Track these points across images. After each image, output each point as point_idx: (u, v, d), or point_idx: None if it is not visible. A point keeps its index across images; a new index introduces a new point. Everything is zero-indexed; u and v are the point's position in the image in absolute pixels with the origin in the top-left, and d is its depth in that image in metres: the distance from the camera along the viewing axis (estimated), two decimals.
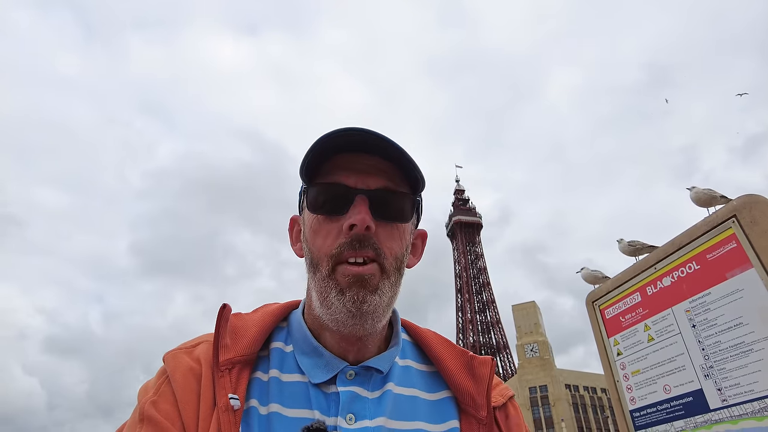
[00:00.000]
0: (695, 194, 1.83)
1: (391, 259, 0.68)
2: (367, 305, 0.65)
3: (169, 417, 0.62)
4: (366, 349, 0.71)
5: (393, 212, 0.69)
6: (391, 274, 0.68)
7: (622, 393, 1.72)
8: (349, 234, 0.65)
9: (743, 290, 1.34)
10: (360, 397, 0.68)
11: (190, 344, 0.72)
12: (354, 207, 0.66)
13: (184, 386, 0.65)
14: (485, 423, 0.72)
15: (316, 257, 0.68)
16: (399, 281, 0.70)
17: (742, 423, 1.30)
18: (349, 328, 0.67)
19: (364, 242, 0.65)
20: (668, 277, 1.59)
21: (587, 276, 2.09)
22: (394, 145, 0.66)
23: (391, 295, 0.68)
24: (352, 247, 0.65)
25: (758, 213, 1.34)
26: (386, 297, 0.67)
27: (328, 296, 0.66)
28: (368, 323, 0.66)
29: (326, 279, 0.66)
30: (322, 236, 0.68)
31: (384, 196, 0.68)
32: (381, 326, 0.71)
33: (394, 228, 0.70)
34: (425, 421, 0.70)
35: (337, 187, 0.68)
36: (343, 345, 0.70)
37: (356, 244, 0.65)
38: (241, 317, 0.73)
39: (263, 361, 0.71)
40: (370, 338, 0.71)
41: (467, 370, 0.76)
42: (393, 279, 0.68)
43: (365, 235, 0.65)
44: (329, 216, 0.68)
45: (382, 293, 0.66)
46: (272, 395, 0.67)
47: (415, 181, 0.70)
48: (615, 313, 1.80)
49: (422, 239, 0.81)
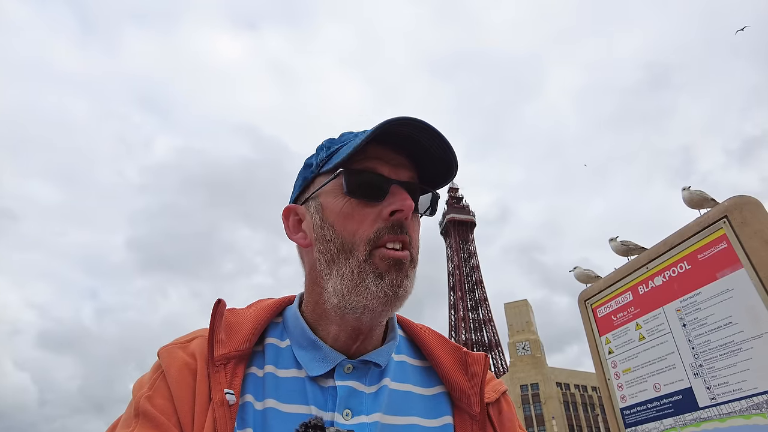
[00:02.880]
0: (688, 194, 1.85)
1: (415, 249, 0.71)
2: (403, 290, 0.67)
3: (164, 412, 0.62)
4: (369, 342, 0.72)
5: (423, 206, 0.73)
6: (416, 264, 0.71)
7: (612, 391, 1.73)
8: (389, 219, 0.67)
9: (733, 290, 1.36)
10: (357, 391, 0.68)
11: (184, 339, 0.72)
12: (394, 194, 0.68)
13: (179, 381, 0.64)
14: (478, 419, 0.72)
15: (349, 242, 0.67)
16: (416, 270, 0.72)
17: (730, 421, 1.32)
18: (375, 316, 0.67)
19: (404, 228, 0.68)
20: (660, 276, 1.61)
21: (580, 275, 2.11)
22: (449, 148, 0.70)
23: (413, 283, 0.70)
24: (393, 232, 0.67)
25: (749, 214, 1.35)
26: (412, 284, 0.69)
27: (363, 281, 0.65)
28: (396, 309, 0.68)
29: (363, 264, 0.66)
30: (356, 221, 0.68)
31: (416, 189, 0.72)
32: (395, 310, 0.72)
33: (418, 220, 0.74)
34: (420, 416, 0.70)
35: (374, 175, 0.69)
36: (348, 338, 0.70)
37: (397, 228, 0.67)
38: (235, 313, 0.73)
39: (258, 356, 0.71)
40: (376, 331, 0.72)
41: (461, 366, 0.76)
42: (416, 270, 0.71)
43: (404, 221, 0.68)
44: (366, 201, 0.68)
45: (411, 280, 0.69)
46: (268, 390, 0.66)
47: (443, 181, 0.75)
48: (607, 312, 1.82)
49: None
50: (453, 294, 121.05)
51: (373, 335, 0.72)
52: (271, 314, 0.75)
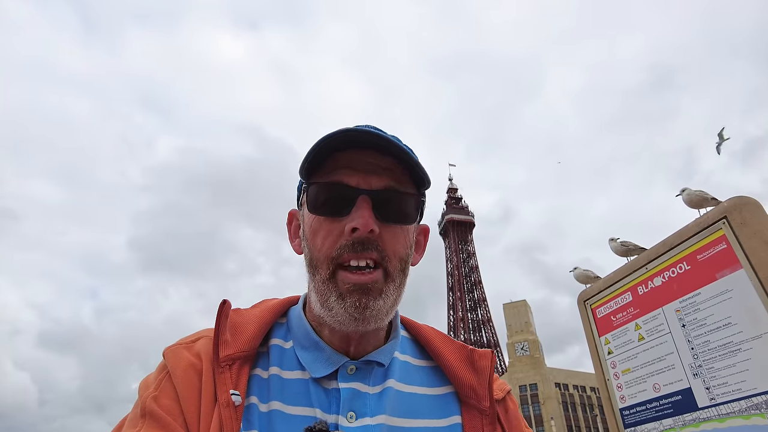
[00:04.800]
0: (687, 195, 1.85)
1: (396, 261, 0.66)
2: (370, 311, 0.64)
3: (170, 412, 0.62)
4: (367, 344, 0.71)
5: (398, 214, 0.67)
6: (396, 277, 0.66)
7: (612, 391, 1.74)
8: (351, 236, 0.63)
9: (732, 291, 1.36)
10: (360, 393, 0.68)
11: (189, 339, 0.72)
12: (356, 208, 0.63)
13: (185, 382, 0.64)
14: (488, 414, 0.72)
15: (315, 258, 0.67)
16: (404, 282, 0.69)
17: (729, 421, 1.32)
18: (350, 329, 0.66)
19: (367, 245, 0.63)
20: (659, 277, 1.61)
21: (579, 275, 2.11)
22: (397, 144, 0.65)
23: (395, 297, 0.67)
24: (354, 250, 0.63)
25: (748, 214, 1.35)
26: (390, 300, 0.66)
27: (328, 299, 0.65)
28: (371, 325, 0.66)
29: (326, 282, 0.65)
30: (321, 237, 0.66)
31: (388, 197, 0.65)
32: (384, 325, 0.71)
33: (399, 229, 0.67)
34: (427, 417, 0.70)
35: (339, 187, 0.65)
36: (344, 341, 0.70)
37: (358, 246, 0.63)
38: (240, 313, 0.73)
39: (263, 357, 0.71)
40: (371, 335, 0.71)
41: (468, 363, 0.76)
42: (397, 282, 0.67)
43: (368, 237, 0.63)
44: (330, 217, 0.66)
45: (386, 297, 0.65)
46: (273, 392, 0.67)
47: (421, 180, 0.68)
48: (606, 313, 1.82)
49: (425, 235, 0.79)
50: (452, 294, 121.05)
51: (366, 339, 0.71)
52: (276, 315, 0.75)
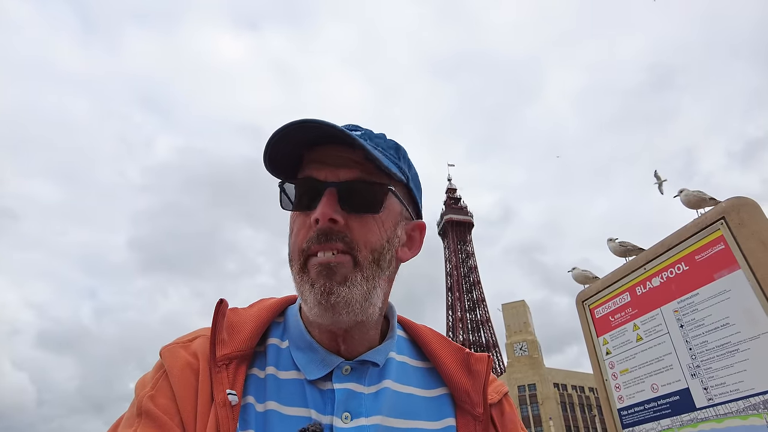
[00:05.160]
0: (685, 196, 1.86)
1: (366, 251, 0.66)
2: (335, 297, 0.63)
3: (167, 411, 0.62)
4: (355, 343, 0.70)
5: (363, 203, 0.66)
6: (366, 267, 0.65)
7: (610, 391, 1.74)
8: (316, 228, 0.64)
9: (730, 291, 1.36)
10: (356, 393, 0.67)
11: (186, 338, 0.71)
12: (320, 201, 0.65)
13: (182, 381, 0.64)
14: (481, 420, 0.72)
15: (291, 252, 0.68)
16: (378, 274, 0.67)
17: (727, 422, 1.33)
18: (327, 322, 0.66)
19: (331, 235, 0.64)
20: (657, 277, 1.61)
21: (578, 276, 2.12)
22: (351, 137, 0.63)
23: (367, 288, 0.65)
24: (318, 241, 0.64)
25: (746, 215, 1.36)
26: (359, 290, 0.65)
27: (303, 291, 0.65)
28: (343, 316, 0.64)
29: (300, 273, 0.66)
30: (295, 232, 0.68)
31: (354, 188, 0.66)
32: (366, 320, 0.68)
33: (370, 219, 0.67)
34: (422, 419, 0.70)
35: (308, 182, 0.67)
36: (332, 339, 0.70)
37: (322, 237, 0.64)
38: (237, 312, 0.73)
39: (260, 357, 0.70)
40: (355, 332, 0.69)
41: (464, 367, 0.76)
42: (368, 272, 0.66)
43: (331, 228, 0.64)
44: (302, 211, 0.67)
45: (353, 286, 0.64)
46: (269, 393, 0.66)
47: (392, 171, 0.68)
48: (604, 313, 1.82)
49: (420, 231, 0.77)
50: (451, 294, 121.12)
51: (354, 336, 0.70)
52: (273, 314, 0.75)
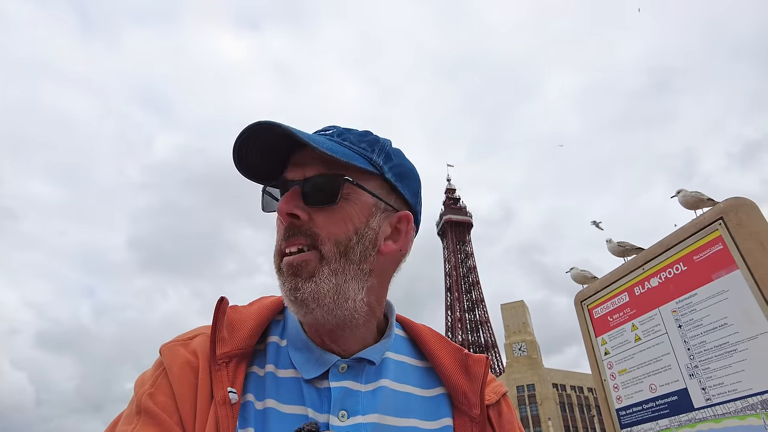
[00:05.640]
0: (683, 197, 1.86)
1: (330, 244, 0.65)
2: (301, 293, 0.63)
3: (166, 409, 0.61)
4: (346, 342, 0.70)
5: (321, 196, 0.66)
6: (332, 260, 0.65)
7: (608, 392, 1.74)
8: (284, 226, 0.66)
9: (728, 291, 1.37)
10: (352, 391, 0.67)
11: (186, 336, 0.71)
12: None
13: (181, 379, 0.64)
14: (478, 421, 0.72)
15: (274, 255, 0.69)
16: (348, 268, 0.66)
17: (725, 422, 1.33)
18: (306, 320, 0.67)
19: (294, 231, 0.65)
20: (656, 277, 1.62)
21: (576, 276, 2.12)
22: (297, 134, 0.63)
23: (336, 282, 0.65)
24: (285, 238, 0.66)
25: (744, 215, 1.36)
26: (327, 284, 0.64)
27: (282, 289, 0.67)
28: (316, 312, 0.65)
29: (277, 273, 0.67)
30: (277, 233, 0.69)
31: (315, 182, 0.66)
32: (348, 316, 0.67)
33: (334, 212, 0.67)
34: (419, 418, 0.70)
35: (280, 183, 0.69)
36: (321, 338, 0.70)
37: (288, 233, 0.66)
38: (237, 310, 0.73)
39: (259, 355, 0.71)
40: (344, 330, 0.69)
41: (462, 367, 0.75)
42: (336, 265, 0.65)
43: (293, 223, 0.66)
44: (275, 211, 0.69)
45: (320, 280, 0.64)
46: (268, 390, 0.66)
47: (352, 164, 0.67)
48: (603, 313, 1.82)
49: (406, 222, 0.73)
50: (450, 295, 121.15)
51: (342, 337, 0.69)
52: (273, 312, 0.75)
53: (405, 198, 0.74)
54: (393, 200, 0.72)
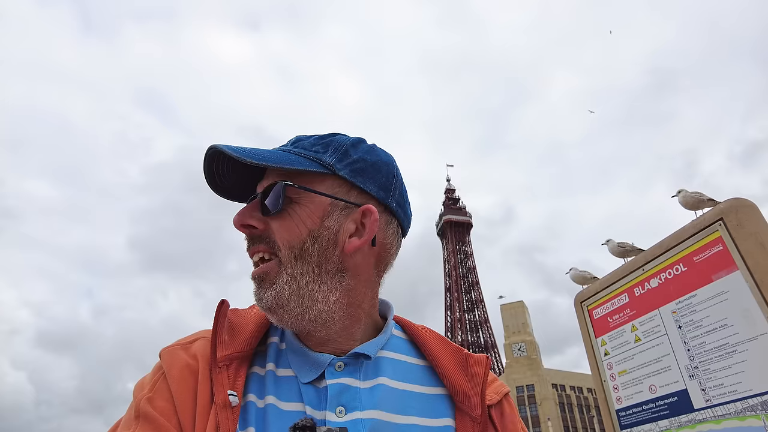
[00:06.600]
0: (683, 197, 1.86)
1: (286, 249, 0.67)
2: (264, 302, 0.67)
3: (165, 414, 0.61)
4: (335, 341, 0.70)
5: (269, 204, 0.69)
6: (289, 265, 0.66)
7: (608, 392, 1.74)
8: None
9: (728, 292, 1.36)
10: (350, 388, 0.67)
11: (186, 340, 0.71)
12: None
13: (180, 382, 0.64)
14: (480, 422, 0.71)
15: None
16: (307, 270, 0.67)
17: (724, 423, 1.33)
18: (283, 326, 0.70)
19: (253, 240, 0.69)
20: (656, 278, 1.61)
21: (576, 276, 2.11)
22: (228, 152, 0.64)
23: (297, 286, 0.66)
24: (247, 248, 0.70)
25: (744, 216, 1.36)
26: (288, 289, 0.66)
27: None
28: (285, 318, 0.67)
29: None
30: None
31: (266, 192, 0.69)
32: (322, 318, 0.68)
33: (285, 218, 0.68)
34: (419, 416, 0.69)
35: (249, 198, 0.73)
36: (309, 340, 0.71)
37: (248, 243, 0.70)
38: (238, 313, 0.73)
39: (260, 356, 0.71)
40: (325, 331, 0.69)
41: (462, 368, 0.75)
42: (293, 270, 0.66)
43: (251, 233, 0.69)
44: None
45: (280, 287, 0.66)
46: (269, 388, 0.67)
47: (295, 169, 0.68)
48: (603, 314, 1.82)
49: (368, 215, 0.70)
50: (449, 295, 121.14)
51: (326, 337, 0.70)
52: None
53: (369, 193, 0.72)
54: (354, 197, 0.71)
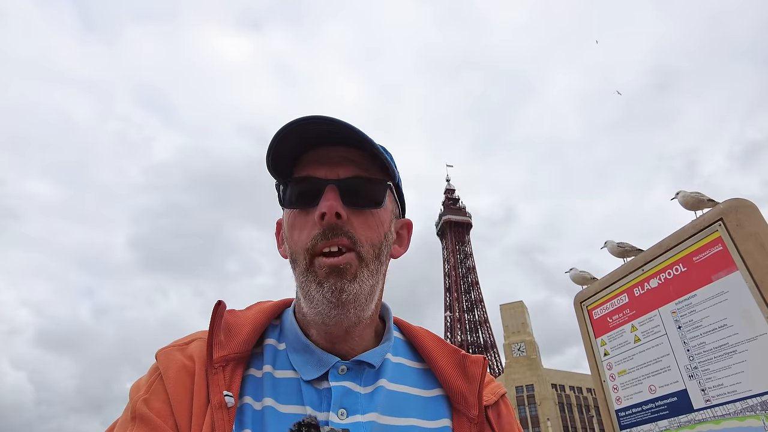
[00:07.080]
0: (683, 197, 1.86)
1: (368, 246, 0.67)
2: (346, 294, 0.64)
3: (161, 415, 0.61)
4: (354, 343, 0.70)
5: (364, 199, 0.68)
6: (370, 262, 0.67)
7: (608, 393, 1.74)
8: (321, 224, 0.65)
9: (728, 292, 1.36)
10: (352, 392, 0.67)
11: (183, 341, 0.71)
12: (323, 197, 0.65)
13: (176, 384, 0.64)
14: (476, 422, 0.71)
15: (294, 252, 0.68)
16: (380, 269, 0.69)
17: (724, 423, 1.33)
18: (333, 320, 0.66)
19: (337, 231, 0.65)
20: (655, 278, 1.61)
21: (575, 277, 2.11)
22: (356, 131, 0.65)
23: (372, 283, 0.67)
24: (325, 237, 0.65)
25: (744, 217, 1.36)
26: (366, 285, 0.66)
27: (309, 290, 0.66)
28: (351, 312, 0.66)
29: (305, 272, 0.66)
30: (298, 230, 0.68)
31: (354, 184, 0.67)
32: (366, 317, 0.69)
33: (369, 215, 0.68)
34: (418, 418, 0.70)
35: (308, 180, 0.68)
36: (330, 340, 0.70)
37: (329, 233, 0.65)
38: (235, 314, 0.73)
39: (257, 358, 0.71)
40: (355, 331, 0.70)
41: (459, 369, 0.75)
42: (372, 267, 0.67)
43: (336, 223, 0.65)
44: (303, 209, 0.68)
45: (362, 281, 0.65)
46: (266, 390, 0.66)
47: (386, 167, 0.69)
48: (603, 314, 1.82)
49: (408, 229, 0.78)
50: (449, 295, 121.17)
51: (354, 335, 0.70)
52: (270, 316, 0.75)
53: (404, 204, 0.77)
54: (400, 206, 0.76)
